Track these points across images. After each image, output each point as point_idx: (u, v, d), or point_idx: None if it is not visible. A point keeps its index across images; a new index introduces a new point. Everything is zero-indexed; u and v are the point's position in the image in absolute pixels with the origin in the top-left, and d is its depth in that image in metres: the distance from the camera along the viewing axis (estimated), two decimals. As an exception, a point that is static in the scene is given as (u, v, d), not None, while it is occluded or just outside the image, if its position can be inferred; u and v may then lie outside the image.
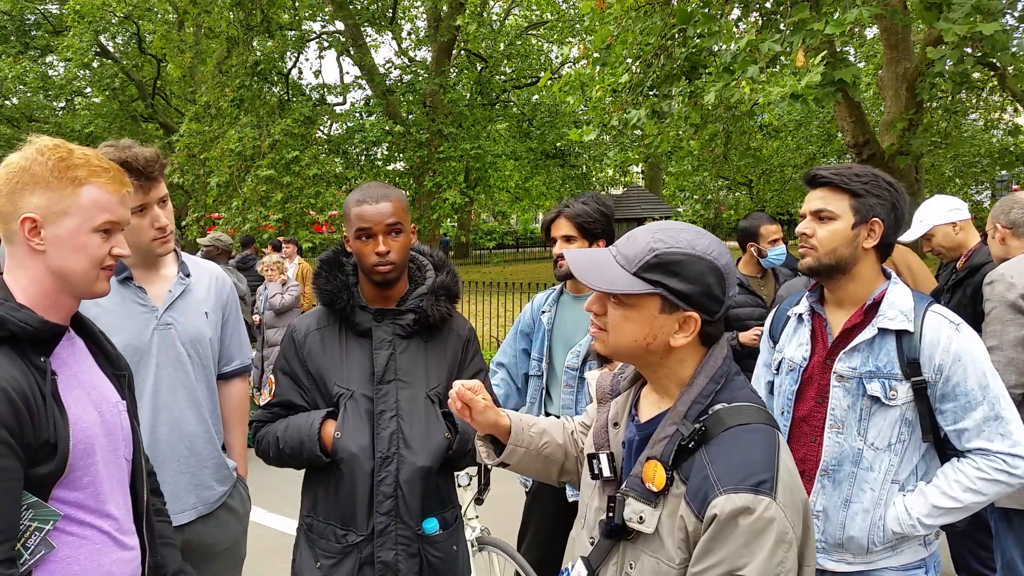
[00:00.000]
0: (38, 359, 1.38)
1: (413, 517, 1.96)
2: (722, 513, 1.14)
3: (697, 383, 1.27)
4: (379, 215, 1.95)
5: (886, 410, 1.84)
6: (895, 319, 1.84)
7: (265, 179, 14.10)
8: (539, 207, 29.72)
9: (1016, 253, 2.86)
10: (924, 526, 1.82)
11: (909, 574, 1.90)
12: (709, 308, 1.26)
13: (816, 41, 4.86)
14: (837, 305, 1.97)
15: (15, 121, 22.31)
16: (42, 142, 1.43)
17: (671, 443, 1.24)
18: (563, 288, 2.94)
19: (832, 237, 1.88)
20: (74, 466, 1.41)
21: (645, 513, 1.24)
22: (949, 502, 1.80)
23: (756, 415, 1.25)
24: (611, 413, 1.45)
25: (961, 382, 1.80)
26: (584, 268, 1.31)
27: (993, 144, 13.80)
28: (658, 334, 1.26)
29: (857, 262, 1.90)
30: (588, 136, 6.54)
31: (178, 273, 2.24)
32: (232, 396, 2.45)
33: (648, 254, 1.25)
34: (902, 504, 1.84)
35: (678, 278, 1.23)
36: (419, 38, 22.23)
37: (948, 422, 1.83)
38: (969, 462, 1.81)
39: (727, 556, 1.14)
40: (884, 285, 1.92)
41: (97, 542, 1.46)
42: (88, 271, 1.44)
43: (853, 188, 1.87)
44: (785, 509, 1.15)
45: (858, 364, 1.86)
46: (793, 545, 1.15)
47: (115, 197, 1.45)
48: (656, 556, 1.24)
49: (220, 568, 2.31)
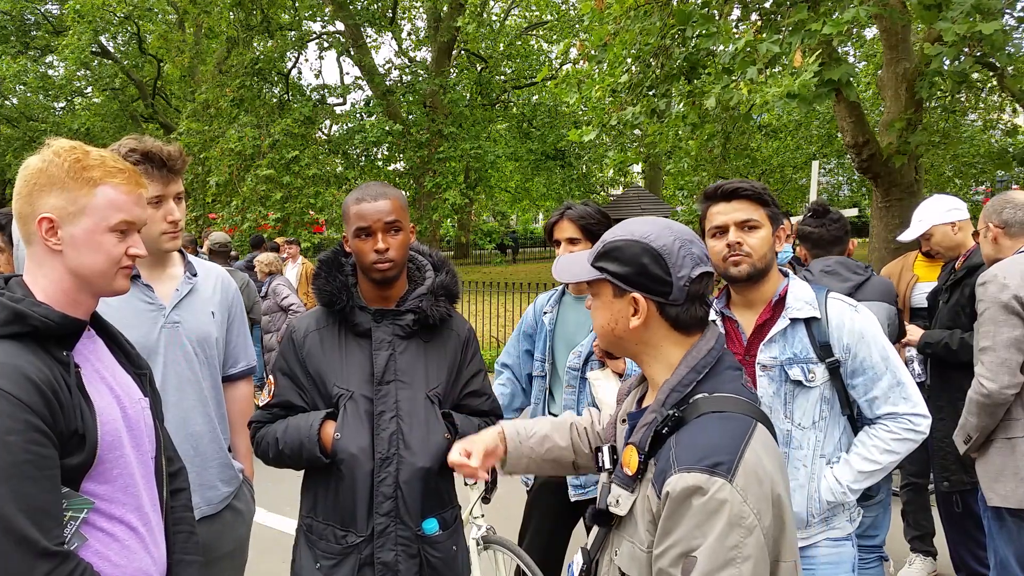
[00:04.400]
0: (60, 353, 1.40)
1: (413, 518, 1.96)
2: (674, 491, 1.16)
3: (678, 372, 1.31)
4: (378, 213, 1.96)
5: (807, 391, 2.04)
6: (802, 309, 2.05)
7: (265, 179, 14.11)
8: (539, 208, 29.73)
9: (1008, 253, 2.85)
10: (852, 491, 2.04)
11: (839, 545, 2.09)
12: (653, 288, 1.31)
13: (815, 41, 4.86)
14: (747, 307, 2.15)
15: (14, 121, 22.31)
16: (59, 144, 1.44)
17: (648, 429, 1.27)
18: (565, 289, 2.94)
19: (762, 244, 2.06)
20: (102, 458, 1.42)
21: (621, 497, 1.29)
22: (870, 465, 2.03)
23: (735, 405, 1.26)
24: (621, 410, 1.49)
25: (867, 357, 2.03)
26: (562, 266, 1.45)
27: (992, 144, 13.79)
28: (618, 319, 1.35)
29: (772, 266, 2.11)
30: (588, 136, 6.54)
31: (185, 272, 2.25)
32: (238, 398, 2.46)
33: (599, 245, 1.37)
34: (831, 475, 2.05)
35: (617, 262, 1.33)
36: (419, 38, 22.24)
37: (860, 394, 2.06)
38: (881, 427, 2.05)
39: (682, 537, 1.15)
40: (785, 282, 2.12)
41: (127, 538, 1.47)
42: (105, 270, 1.45)
43: (765, 199, 2.08)
44: (744, 493, 1.14)
45: (777, 353, 2.05)
46: (754, 532, 1.14)
47: (130, 197, 1.46)
48: (632, 540, 1.27)
49: (222, 570, 2.30)
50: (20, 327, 1.36)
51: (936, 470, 3.47)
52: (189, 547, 1.67)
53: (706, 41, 5.60)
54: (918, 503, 3.96)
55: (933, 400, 3.45)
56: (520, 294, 10.86)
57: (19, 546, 1.26)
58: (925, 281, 3.94)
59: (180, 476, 1.75)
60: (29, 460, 1.28)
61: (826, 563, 2.07)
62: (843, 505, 2.09)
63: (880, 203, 7.62)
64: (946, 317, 3.39)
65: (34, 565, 1.27)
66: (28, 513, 1.27)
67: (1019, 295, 2.54)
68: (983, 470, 2.71)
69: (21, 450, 1.28)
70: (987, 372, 2.58)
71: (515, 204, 31.10)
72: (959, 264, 3.41)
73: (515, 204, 31.10)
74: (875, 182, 7.60)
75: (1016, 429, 2.61)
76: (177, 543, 1.64)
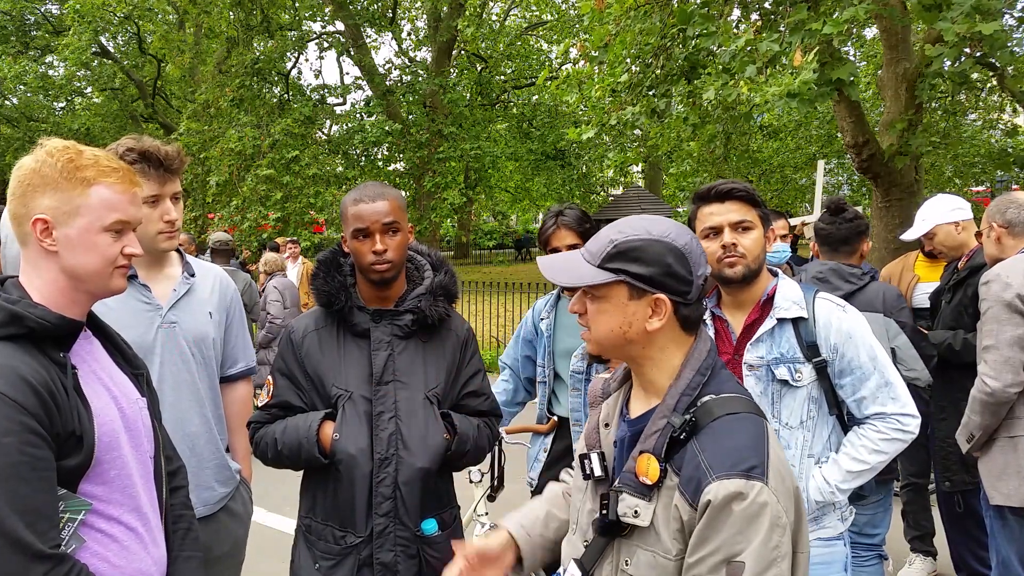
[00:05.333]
0: (57, 354, 1.39)
1: (412, 518, 1.96)
2: (716, 499, 1.15)
3: (684, 376, 1.30)
4: (375, 214, 1.95)
5: (794, 391, 2.04)
6: (789, 309, 2.05)
7: (265, 178, 14.11)
8: (539, 208, 29.73)
9: (1011, 253, 2.85)
10: (841, 491, 2.04)
11: (830, 545, 2.09)
12: (676, 288, 1.28)
13: (814, 41, 4.85)
14: (736, 307, 2.15)
15: (15, 121, 22.31)
16: (52, 144, 1.43)
17: (663, 436, 1.25)
18: (560, 292, 2.94)
19: (756, 244, 2.06)
20: (100, 459, 1.41)
21: (640, 507, 1.25)
22: (859, 465, 2.03)
23: (744, 405, 1.27)
24: (602, 414, 1.46)
25: (854, 357, 2.02)
26: (557, 269, 1.36)
27: (992, 145, 13.77)
28: (633, 321, 1.29)
29: (763, 264, 2.10)
30: (586, 134, 6.52)
31: (183, 273, 2.24)
32: (236, 399, 2.45)
33: (608, 246, 1.29)
34: (820, 475, 2.05)
35: (638, 263, 1.27)
36: (419, 38, 22.24)
37: (848, 394, 2.06)
38: (869, 427, 2.05)
39: (723, 543, 1.14)
40: (774, 282, 2.12)
41: (126, 538, 1.46)
42: (101, 270, 1.44)
43: (757, 200, 2.08)
44: (777, 494, 1.16)
45: (764, 353, 2.05)
46: (787, 530, 1.16)
47: (125, 196, 1.45)
48: (652, 549, 1.25)
49: (219, 572, 2.29)
50: (16, 329, 1.35)
51: (938, 470, 3.47)
52: (188, 543, 1.67)
53: (706, 41, 5.59)
54: (918, 503, 3.96)
55: (935, 400, 3.44)
56: (520, 294, 10.86)
57: (14, 548, 1.25)
58: (926, 282, 3.94)
59: (179, 474, 1.74)
60: (24, 462, 1.28)
61: (817, 563, 2.05)
62: (833, 505, 2.09)
63: (880, 203, 7.61)
64: (949, 317, 3.39)
65: (29, 568, 1.26)
66: (23, 515, 1.26)
67: (1022, 294, 2.55)
68: (985, 469, 2.71)
69: (16, 452, 1.27)
70: (990, 371, 2.59)
71: (515, 204, 31.10)
72: (962, 264, 3.40)
73: (515, 204, 31.10)
74: (875, 182, 7.59)
75: (1019, 428, 2.62)
76: (176, 540, 1.63)
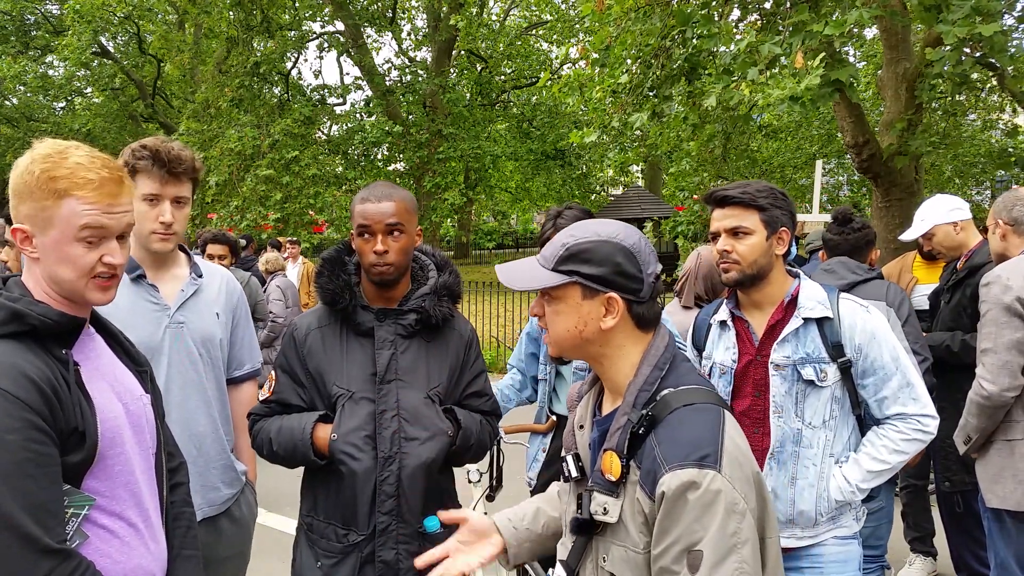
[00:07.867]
0: (59, 351, 1.40)
1: (414, 516, 1.96)
2: (669, 490, 1.18)
3: (641, 372, 1.32)
4: (380, 214, 1.96)
5: (819, 391, 2.06)
6: (815, 309, 2.07)
7: (264, 179, 14.11)
8: (539, 207, 29.72)
9: (1015, 251, 2.84)
10: (861, 490, 2.06)
11: (846, 544, 2.11)
12: (627, 287, 1.31)
13: (815, 42, 4.85)
14: (756, 308, 2.17)
15: (15, 121, 22.31)
16: (38, 150, 1.42)
17: (624, 432, 1.28)
18: None
19: (751, 250, 2.08)
20: (103, 455, 1.42)
21: (608, 504, 1.29)
22: (879, 465, 2.05)
23: (701, 396, 1.29)
24: (577, 416, 1.48)
25: (878, 357, 2.05)
26: (514, 275, 1.40)
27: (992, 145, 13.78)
28: (588, 321, 1.33)
29: (772, 268, 2.12)
30: (589, 138, 6.54)
31: (190, 273, 2.25)
32: (242, 400, 2.45)
33: (561, 249, 1.34)
34: (840, 474, 2.07)
35: (589, 263, 1.31)
36: (419, 38, 22.24)
37: (870, 394, 2.08)
38: (890, 427, 2.07)
39: (682, 533, 1.17)
40: (796, 283, 2.15)
41: (127, 534, 1.47)
42: (75, 280, 1.43)
43: (760, 204, 2.08)
44: (732, 480, 1.18)
45: (790, 353, 2.07)
46: (746, 516, 1.18)
47: (98, 206, 1.41)
48: (623, 544, 1.28)
49: (223, 573, 2.30)
50: (18, 326, 1.36)
51: (938, 470, 3.48)
52: (188, 541, 1.67)
53: (707, 42, 5.59)
54: (918, 504, 3.96)
55: (935, 401, 3.45)
56: (520, 294, 10.86)
57: (21, 544, 1.26)
58: (925, 283, 3.95)
59: (180, 471, 1.75)
60: (29, 458, 1.29)
61: (834, 561, 2.09)
62: (850, 504, 2.12)
63: (880, 203, 7.62)
64: (948, 318, 3.39)
65: (36, 563, 1.27)
66: (29, 511, 1.27)
67: (1022, 297, 2.54)
68: (983, 471, 2.72)
69: (21, 448, 1.28)
70: (988, 374, 2.58)
71: (515, 204, 31.09)
72: (961, 264, 3.40)
73: (515, 204, 31.09)
74: (875, 182, 7.60)
75: (1016, 431, 2.61)
76: (177, 537, 1.64)
